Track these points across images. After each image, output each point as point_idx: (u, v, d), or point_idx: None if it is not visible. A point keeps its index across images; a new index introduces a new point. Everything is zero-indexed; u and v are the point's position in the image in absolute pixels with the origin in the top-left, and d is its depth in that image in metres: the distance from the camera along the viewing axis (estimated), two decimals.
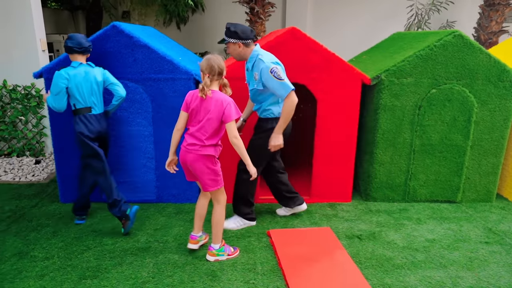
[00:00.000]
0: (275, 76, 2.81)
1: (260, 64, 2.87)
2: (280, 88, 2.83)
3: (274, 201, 3.80)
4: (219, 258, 2.78)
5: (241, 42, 2.88)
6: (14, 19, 4.68)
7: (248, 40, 2.88)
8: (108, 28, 3.32)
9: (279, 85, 2.82)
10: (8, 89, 4.84)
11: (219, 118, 2.53)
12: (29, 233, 3.11)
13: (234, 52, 2.94)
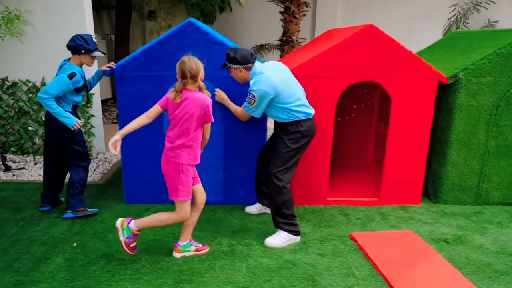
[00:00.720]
0: (248, 98, 2.94)
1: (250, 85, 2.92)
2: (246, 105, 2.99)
3: (345, 203, 3.72)
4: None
5: (241, 67, 2.91)
6: (67, 19, 4.60)
7: (248, 64, 2.91)
8: (184, 24, 3.23)
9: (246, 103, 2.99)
10: None
11: (199, 118, 2.50)
12: (107, 234, 3.02)
13: (237, 76, 2.99)
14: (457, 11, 6.66)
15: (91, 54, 3.11)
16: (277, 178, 2.90)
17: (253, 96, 2.88)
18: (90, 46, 3.08)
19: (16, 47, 4.63)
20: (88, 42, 3.07)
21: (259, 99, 2.88)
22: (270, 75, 2.87)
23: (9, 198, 3.63)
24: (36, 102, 4.74)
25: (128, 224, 2.61)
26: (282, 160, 2.92)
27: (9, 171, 4.31)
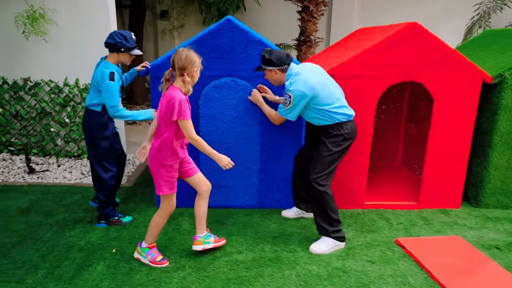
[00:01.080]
0: (283, 100, 2.83)
1: (287, 86, 2.82)
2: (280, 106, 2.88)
3: (382, 206, 3.61)
4: (140, 257, 2.63)
5: (276, 69, 2.81)
6: (91, 18, 4.49)
7: (284, 65, 2.81)
8: (222, 22, 3.12)
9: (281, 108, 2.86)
10: (80, 88, 4.64)
11: (167, 115, 2.39)
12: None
13: (271, 78, 2.90)
14: (481, 10, 6.55)
15: (130, 52, 2.95)
16: (318, 184, 2.80)
17: (289, 96, 2.77)
18: (130, 44, 2.93)
19: (40, 47, 4.53)
20: (127, 40, 2.92)
21: (295, 100, 2.76)
22: (307, 76, 2.77)
23: (38, 201, 3.53)
24: (58, 103, 4.64)
25: (141, 246, 2.64)
26: (323, 165, 2.81)
27: (33, 173, 4.20)
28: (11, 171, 4.24)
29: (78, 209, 3.40)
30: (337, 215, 2.86)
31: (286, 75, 2.84)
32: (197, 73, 2.46)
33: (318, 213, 2.87)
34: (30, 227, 3.05)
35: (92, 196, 3.69)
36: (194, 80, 2.46)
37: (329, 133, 2.84)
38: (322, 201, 2.80)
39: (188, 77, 2.39)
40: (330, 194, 2.81)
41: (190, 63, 2.37)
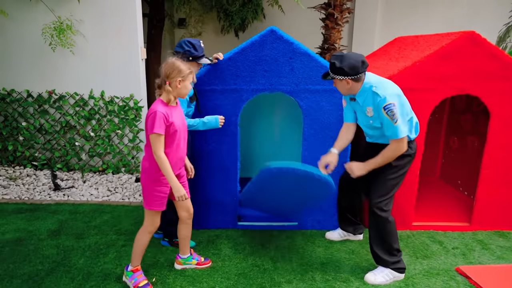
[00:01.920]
0: (388, 114, 2.37)
1: (375, 98, 2.42)
2: (390, 130, 2.41)
3: (432, 228, 3.37)
4: (126, 281, 2.49)
5: (349, 78, 2.43)
6: (119, 30, 4.34)
7: (359, 74, 2.42)
8: (265, 33, 2.93)
9: (389, 126, 2.41)
10: (105, 101, 4.49)
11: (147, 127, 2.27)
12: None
13: (343, 88, 2.52)
14: None
15: (198, 61, 2.74)
16: (380, 209, 2.55)
17: (393, 104, 2.33)
18: (198, 52, 2.72)
19: (66, 59, 4.39)
20: (196, 48, 2.72)
21: (400, 106, 2.37)
22: (389, 81, 2.52)
23: (67, 222, 3.34)
24: (83, 116, 4.48)
25: (126, 270, 2.51)
26: (387, 188, 2.57)
27: (59, 190, 4.04)
28: (36, 188, 4.08)
29: (109, 231, 3.21)
30: (398, 243, 2.62)
31: (362, 83, 2.48)
32: (183, 84, 2.27)
33: (377, 242, 2.62)
34: (62, 252, 2.86)
35: (122, 215, 3.50)
36: (179, 91, 2.28)
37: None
38: (384, 229, 2.57)
39: (169, 86, 2.25)
40: (392, 220, 2.57)
41: (173, 71, 2.23)
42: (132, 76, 4.48)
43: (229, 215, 3.28)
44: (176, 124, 2.28)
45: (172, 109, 2.29)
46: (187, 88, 2.31)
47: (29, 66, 4.42)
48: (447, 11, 8.01)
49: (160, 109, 2.20)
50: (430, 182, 4.48)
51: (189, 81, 2.30)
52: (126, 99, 4.50)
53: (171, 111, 2.27)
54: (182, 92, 2.30)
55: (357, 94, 2.52)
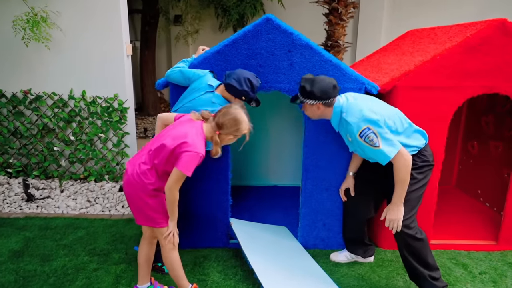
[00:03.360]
0: (366, 141, 2.15)
1: (347, 127, 2.21)
2: (377, 155, 2.15)
3: (453, 247, 2.94)
4: None
5: (320, 103, 2.24)
6: (100, 23, 3.92)
7: (330, 99, 2.23)
8: (260, 22, 2.50)
9: (374, 152, 2.15)
10: (87, 101, 4.07)
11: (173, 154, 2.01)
12: None
13: (313, 114, 2.32)
14: None
15: (249, 103, 2.41)
16: (407, 227, 2.22)
17: (367, 129, 2.11)
18: (252, 95, 2.37)
19: (42, 55, 3.97)
20: (254, 90, 2.36)
21: (378, 128, 2.12)
22: (362, 101, 2.23)
23: (34, 240, 2.92)
24: (62, 118, 4.06)
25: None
26: (411, 203, 2.22)
27: (32, 201, 3.62)
28: (7, 199, 3.66)
29: (81, 251, 2.78)
30: (434, 260, 2.30)
31: (332, 109, 2.27)
32: (229, 140, 2.10)
33: (415, 264, 2.28)
34: (21, 279, 2.44)
35: (99, 232, 3.09)
36: (223, 143, 2.11)
37: (415, 165, 2.24)
38: (415, 247, 2.26)
39: (218, 138, 2.06)
40: (423, 237, 2.28)
41: (232, 127, 2.04)
42: (116, 75, 4.06)
43: (219, 232, 2.85)
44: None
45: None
46: (232, 141, 2.15)
47: (1, 63, 4.00)
48: (457, 6, 7.58)
49: (201, 149, 1.96)
50: (445, 192, 4.04)
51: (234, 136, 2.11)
52: (109, 100, 4.08)
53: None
54: (224, 144, 2.14)
55: (331, 119, 2.33)
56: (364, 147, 2.17)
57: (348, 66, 2.65)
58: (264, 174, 4.05)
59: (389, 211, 2.21)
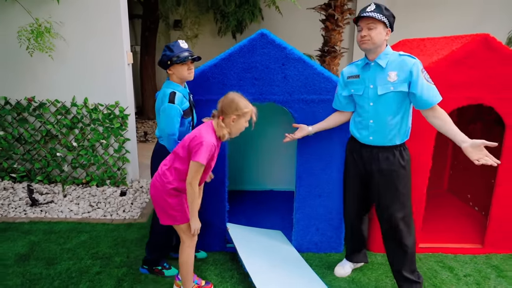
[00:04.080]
0: (425, 77, 2.22)
1: (406, 62, 2.23)
2: (432, 92, 2.21)
3: (440, 250, 3.07)
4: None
5: (389, 31, 2.26)
6: (102, 31, 4.05)
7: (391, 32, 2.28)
8: (255, 37, 2.63)
9: (429, 89, 2.20)
10: (89, 108, 4.20)
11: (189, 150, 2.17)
12: None
13: (377, 37, 2.22)
14: None
15: (180, 61, 2.35)
16: (406, 223, 2.40)
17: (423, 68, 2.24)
18: (175, 52, 2.36)
19: (45, 64, 4.10)
20: (171, 49, 2.37)
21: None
22: None
23: (39, 244, 3.05)
24: (65, 125, 4.19)
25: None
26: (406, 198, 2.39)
27: (36, 206, 3.74)
28: (12, 203, 3.78)
29: (85, 255, 2.91)
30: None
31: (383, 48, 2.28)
32: (238, 122, 2.16)
33: (405, 265, 2.41)
34: (27, 282, 2.56)
35: (101, 236, 3.21)
36: (232, 128, 2.17)
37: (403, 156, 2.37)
38: (411, 247, 2.40)
39: (222, 122, 2.15)
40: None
41: (230, 108, 2.13)
42: (117, 82, 4.19)
43: (217, 237, 2.98)
44: (213, 160, 2.21)
45: (219, 143, 2.21)
46: (242, 125, 2.19)
47: (5, 71, 4.13)
48: (454, 14, 7.71)
49: (211, 139, 2.11)
50: (437, 195, 4.17)
51: (245, 119, 2.18)
52: (111, 107, 4.21)
53: (218, 146, 2.20)
54: (235, 130, 2.19)
55: (378, 56, 2.27)
56: (419, 83, 2.18)
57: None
58: (260, 179, 4.18)
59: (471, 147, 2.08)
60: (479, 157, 2.07)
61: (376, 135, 2.34)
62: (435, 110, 2.24)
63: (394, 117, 2.29)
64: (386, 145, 2.34)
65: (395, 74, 2.24)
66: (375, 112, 2.32)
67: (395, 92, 2.25)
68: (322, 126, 2.64)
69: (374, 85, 2.30)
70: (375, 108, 2.32)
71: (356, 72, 2.39)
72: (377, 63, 2.28)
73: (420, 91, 2.20)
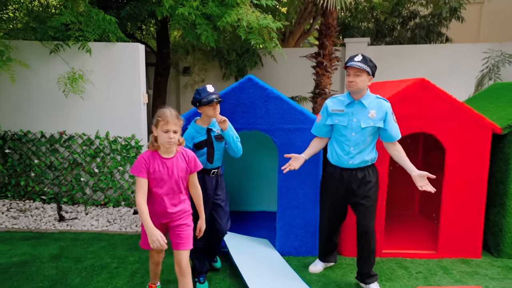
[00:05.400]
0: (393, 118, 2.92)
1: (382, 104, 2.89)
2: (396, 130, 2.93)
3: (401, 255, 3.63)
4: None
5: (371, 77, 2.86)
6: (124, 76, 4.94)
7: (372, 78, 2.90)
8: (243, 80, 3.44)
9: (395, 127, 2.92)
10: (110, 140, 4.99)
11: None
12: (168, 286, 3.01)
13: (361, 83, 2.81)
14: (489, 63, 6.82)
15: (205, 104, 2.83)
16: (373, 230, 3.02)
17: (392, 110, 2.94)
18: (202, 95, 2.86)
19: (76, 103, 4.96)
20: (200, 93, 2.88)
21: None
22: None
23: (67, 248, 3.71)
24: (89, 154, 4.97)
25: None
26: (375, 208, 3.05)
27: (63, 221, 4.43)
28: (43, 219, 4.48)
29: (105, 255, 3.55)
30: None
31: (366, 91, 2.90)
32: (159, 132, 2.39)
33: (369, 263, 3.03)
34: (60, 273, 3.21)
35: (118, 243, 3.85)
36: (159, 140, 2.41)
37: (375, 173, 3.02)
38: (373, 248, 3.02)
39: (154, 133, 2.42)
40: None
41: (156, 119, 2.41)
42: (134, 118, 5.01)
43: None
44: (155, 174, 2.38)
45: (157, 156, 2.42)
46: (161, 137, 2.38)
47: (44, 110, 5.00)
48: (430, 61, 8.57)
49: (145, 153, 2.44)
50: (408, 216, 4.76)
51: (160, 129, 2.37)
52: (128, 139, 5.01)
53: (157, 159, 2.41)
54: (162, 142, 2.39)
55: (363, 97, 2.88)
56: (390, 122, 2.85)
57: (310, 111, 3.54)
58: (254, 201, 4.83)
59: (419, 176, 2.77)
60: (422, 185, 2.77)
61: (355, 159, 2.92)
62: (396, 144, 2.95)
63: (370, 145, 2.93)
64: (363, 166, 2.95)
65: (375, 112, 2.86)
66: (356, 141, 2.89)
67: (373, 126, 2.88)
68: (311, 152, 3.09)
69: (357, 119, 2.88)
70: (357, 137, 2.89)
71: (340, 107, 2.94)
72: (362, 102, 2.88)
73: (390, 128, 2.88)
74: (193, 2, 5.05)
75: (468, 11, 10.46)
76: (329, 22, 7.45)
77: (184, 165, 2.51)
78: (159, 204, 2.45)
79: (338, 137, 2.98)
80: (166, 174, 2.42)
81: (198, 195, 2.63)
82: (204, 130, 2.96)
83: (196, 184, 2.62)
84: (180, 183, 2.48)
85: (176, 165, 2.47)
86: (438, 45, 9.21)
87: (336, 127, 2.97)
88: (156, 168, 2.40)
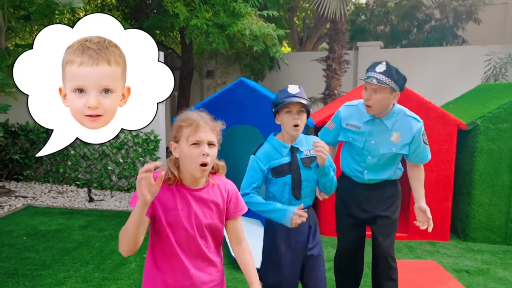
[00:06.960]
0: (424, 140, 2.27)
1: (412, 124, 2.21)
2: (426, 152, 2.31)
3: None
4: None
5: (399, 92, 2.15)
6: None
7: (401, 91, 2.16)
8: (236, 82, 4.07)
9: (425, 149, 2.28)
10: (132, 135, 5.78)
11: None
12: None
13: (382, 102, 2.11)
14: (492, 65, 7.00)
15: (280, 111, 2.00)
16: (393, 259, 2.37)
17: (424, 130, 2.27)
18: (279, 97, 2.01)
19: None
20: (278, 94, 2.05)
21: None
22: None
23: (93, 221, 4.49)
24: (115, 146, 5.78)
25: None
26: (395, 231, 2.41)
27: (92, 202, 5.25)
28: (76, 199, 5.33)
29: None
30: None
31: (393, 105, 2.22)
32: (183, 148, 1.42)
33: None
34: (86, 238, 3.97)
35: None
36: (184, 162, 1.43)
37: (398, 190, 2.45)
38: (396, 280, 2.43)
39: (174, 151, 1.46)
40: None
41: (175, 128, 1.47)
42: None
43: None
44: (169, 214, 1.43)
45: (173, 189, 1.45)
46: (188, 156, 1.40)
47: None
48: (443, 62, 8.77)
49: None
50: None
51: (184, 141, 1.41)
52: (148, 134, 5.77)
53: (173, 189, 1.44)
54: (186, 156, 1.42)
55: (385, 116, 2.19)
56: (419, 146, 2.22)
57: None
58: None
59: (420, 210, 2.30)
60: (420, 220, 2.35)
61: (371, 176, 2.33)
62: (420, 167, 2.35)
63: (391, 167, 2.31)
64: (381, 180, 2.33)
65: (399, 136, 2.17)
66: (373, 166, 2.28)
67: (395, 153, 2.24)
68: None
69: (376, 142, 2.23)
70: (374, 162, 2.27)
71: (357, 123, 2.26)
72: (384, 122, 2.20)
73: (416, 153, 2.25)
74: (206, 13, 5.75)
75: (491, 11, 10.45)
76: (338, 27, 7.93)
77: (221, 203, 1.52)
78: (176, 268, 1.47)
79: (353, 154, 2.38)
80: (185, 217, 1.45)
81: (246, 256, 1.56)
82: (288, 148, 2.03)
83: (241, 238, 1.59)
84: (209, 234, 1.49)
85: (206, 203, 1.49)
86: (451, 47, 9.39)
87: (352, 146, 2.35)
88: (171, 205, 1.44)
